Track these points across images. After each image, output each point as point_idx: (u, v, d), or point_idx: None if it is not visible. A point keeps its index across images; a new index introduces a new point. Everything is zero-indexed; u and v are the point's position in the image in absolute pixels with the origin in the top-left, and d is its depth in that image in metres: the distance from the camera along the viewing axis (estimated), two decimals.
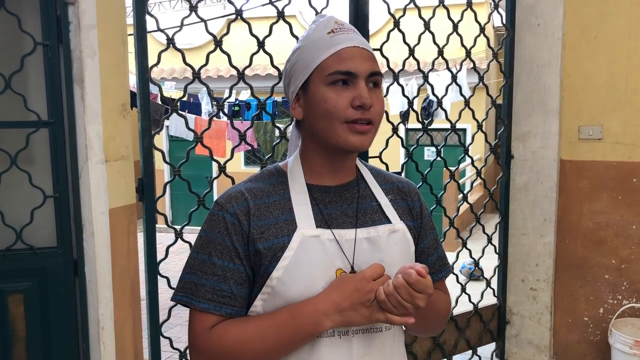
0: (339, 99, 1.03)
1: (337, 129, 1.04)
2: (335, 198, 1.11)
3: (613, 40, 2.99)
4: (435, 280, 1.21)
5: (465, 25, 2.92)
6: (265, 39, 2.38)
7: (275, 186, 1.10)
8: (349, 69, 1.03)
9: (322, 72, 1.04)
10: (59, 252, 2.14)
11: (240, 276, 1.04)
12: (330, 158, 1.10)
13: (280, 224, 1.05)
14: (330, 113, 1.03)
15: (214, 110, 2.80)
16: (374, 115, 1.05)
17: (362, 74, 1.03)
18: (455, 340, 3.18)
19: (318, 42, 1.06)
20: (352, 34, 1.07)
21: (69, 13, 2.03)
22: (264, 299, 1.04)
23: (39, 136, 2.08)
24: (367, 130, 1.04)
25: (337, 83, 1.03)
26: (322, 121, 1.05)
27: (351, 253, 1.06)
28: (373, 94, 1.05)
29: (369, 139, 1.06)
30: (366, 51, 1.06)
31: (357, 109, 1.03)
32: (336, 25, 1.08)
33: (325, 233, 1.06)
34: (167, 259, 2.37)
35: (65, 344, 2.18)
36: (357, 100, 1.02)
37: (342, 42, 1.05)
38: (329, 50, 1.04)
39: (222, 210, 1.06)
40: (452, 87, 3.13)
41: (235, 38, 3.65)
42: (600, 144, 3.06)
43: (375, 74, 1.06)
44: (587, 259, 3.15)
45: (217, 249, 1.05)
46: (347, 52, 1.04)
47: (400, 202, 1.18)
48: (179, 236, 2.37)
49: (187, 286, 1.06)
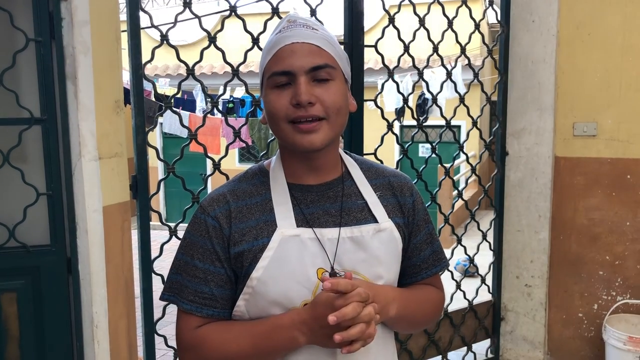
0: (278, 100, 1.02)
1: (285, 129, 1.03)
2: (318, 197, 1.09)
3: (607, 37, 2.99)
4: (429, 275, 1.20)
5: (460, 22, 2.92)
6: (260, 35, 2.36)
7: (257, 186, 1.10)
8: (284, 68, 1.01)
9: (266, 76, 1.04)
10: (52, 250, 2.13)
11: (221, 278, 1.05)
12: (301, 158, 1.08)
13: (260, 225, 1.05)
14: (273, 115, 1.03)
15: (209, 107, 2.78)
16: (319, 110, 1.01)
17: (300, 70, 1.00)
18: (450, 336, 3.18)
19: (267, 45, 1.06)
20: (299, 29, 1.03)
21: (62, 9, 2.02)
22: (246, 299, 1.05)
23: (31, 133, 2.06)
24: (312, 128, 1.01)
25: (278, 84, 1.02)
26: (271, 124, 1.05)
27: (333, 252, 1.05)
28: (319, 88, 1.01)
29: (319, 137, 1.02)
30: (308, 45, 1.02)
31: (296, 107, 1.00)
32: (287, 24, 1.05)
33: (306, 232, 1.05)
34: (162, 256, 2.36)
35: (59, 342, 2.17)
36: (293, 99, 1.00)
37: (281, 41, 1.03)
38: (271, 53, 1.04)
39: (204, 214, 1.08)
40: (447, 84, 3.13)
41: (230, 34, 3.63)
42: (595, 141, 3.07)
43: (319, 68, 1.01)
44: (581, 256, 3.16)
45: (199, 251, 1.06)
46: (284, 51, 1.02)
47: (390, 199, 1.15)
48: (173, 233, 2.36)
49: (174, 286, 1.08)
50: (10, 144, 2.02)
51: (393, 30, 2.68)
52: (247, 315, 1.06)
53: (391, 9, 2.65)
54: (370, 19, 4.20)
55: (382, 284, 1.09)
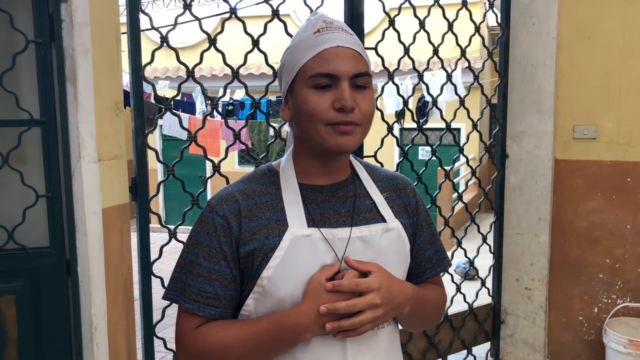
0: (320, 102, 1.01)
1: (321, 131, 1.02)
2: (328, 197, 1.10)
3: (607, 40, 2.99)
4: (433, 274, 1.23)
5: (460, 25, 2.92)
6: (260, 37, 2.36)
7: (267, 186, 1.10)
8: (330, 70, 1.01)
9: (305, 74, 1.03)
10: (51, 252, 2.13)
11: (226, 278, 1.05)
12: (320, 158, 1.09)
13: (271, 225, 1.05)
14: (312, 115, 1.02)
15: (208, 109, 2.78)
16: (358, 117, 1.02)
17: (345, 75, 1.01)
18: (450, 340, 3.17)
19: (303, 43, 1.05)
20: (339, 33, 1.05)
21: (62, 11, 2.01)
22: (256, 299, 1.05)
23: (31, 135, 2.06)
24: (351, 130, 1.02)
25: (319, 85, 1.02)
26: (305, 123, 1.04)
27: (343, 252, 1.06)
28: (358, 95, 1.03)
29: (354, 140, 1.04)
30: (352, 51, 1.03)
31: (338, 111, 1.01)
32: (324, 25, 1.06)
33: (316, 232, 1.05)
34: (161, 258, 2.35)
35: (57, 344, 2.16)
36: (337, 103, 1.00)
37: (325, 43, 1.03)
38: (312, 51, 1.03)
39: (212, 212, 1.07)
40: (447, 87, 3.13)
41: (230, 37, 3.63)
42: (595, 144, 3.07)
43: (360, 75, 1.03)
44: (581, 259, 3.16)
45: (205, 250, 1.05)
46: (329, 53, 1.02)
47: (395, 200, 1.17)
48: (172, 236, 2.35)
49: (177, 285, 1.07)
50: (9, 145, 2.02)
51: (393, 32, 2.68)
52: (255, 314, 1.06)
53: (391, 11, 2.64)
54: (370, 21, 4.20)
55: (402, 280, 1.11)
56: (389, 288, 1.03)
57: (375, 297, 1.00)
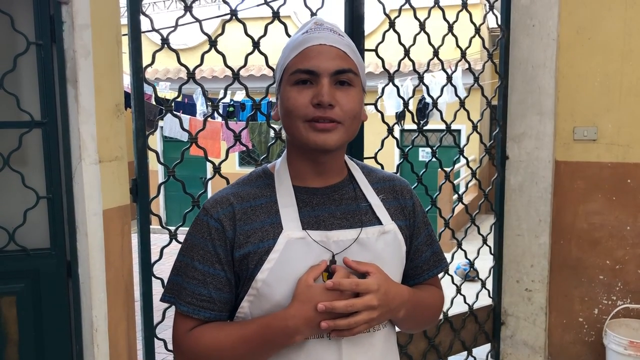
0: (299, 97, 1.02)
1: (300, 127, 1.03)
2: (323, 200, 1.10)
3: (608, 41, 3.00)
4: (430, 276, 1.23)
5: (461, 26, 2.92)
6: (260, 39, 2.37)
7: (262, 189, 1.10)
8: (309, 67, 1.02)
9: (288, 72, 1.04)
10: (52, 253, 2.13)
11: (220, 281, 1.05)
12: (310, 159, 1.09)
13: (266, 228, 1.05)
14: (291, 111, 1.03)
15: (209, 110, 2.78)
16: (338, 114, 1.02)
17: (325, 71, 1.01)
18: (451, 341, 3.17)
19: (292, 43, 1.07)
20: (326, 32, 1.05)
21: (63, 12, 2.02)
22: (250, 301, 1.05)
23: (32, 136, 2.06)
24: (330, 128, 1.02)
25: (300, 82, 1.02)
26: (286, 120, 1.05)
27: (339, 255, 1.06)
28: (340, 92, 1.03)
29: (333, 138, 1.03)
30: (335, 49, 1.04)
31: (316, 107, 1.01)
32: (314, 26, 1.07)
33: (311, 235, 1.05)
34: (162, 260, 2.35)
35: (58, 346, 2.16)
36: (315, 99, 1.01)
37: (309, 41, 1.04)
38: (297, 50, 1.04)
39: (207, 215, 1.07)
40: (447, 88, 3.13)
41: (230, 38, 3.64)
42: (595, 145, 3.07)
43: (342, 72, 1.03)
44: (581, 260, 3.16)
45: (199, 253, 1.06)
46: (311, 51, 1.03)
47: (392, 202, 1.17)
48: (173, 237, 2.35)
49: (174, 287, 1.08)
50: (10, 147, 2.02)
51: (393, 34, 2.68)
52: (250, 317, 1.06)
53: (391, 13, 2.65)
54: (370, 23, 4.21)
55: (398, 283, 1.11)
56: (386, 290, 1.03)
57: (372, 298, 1.00)
